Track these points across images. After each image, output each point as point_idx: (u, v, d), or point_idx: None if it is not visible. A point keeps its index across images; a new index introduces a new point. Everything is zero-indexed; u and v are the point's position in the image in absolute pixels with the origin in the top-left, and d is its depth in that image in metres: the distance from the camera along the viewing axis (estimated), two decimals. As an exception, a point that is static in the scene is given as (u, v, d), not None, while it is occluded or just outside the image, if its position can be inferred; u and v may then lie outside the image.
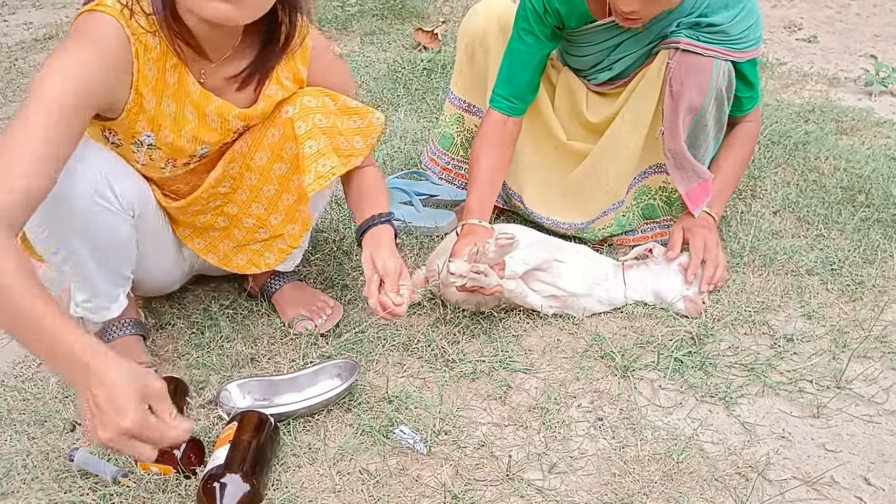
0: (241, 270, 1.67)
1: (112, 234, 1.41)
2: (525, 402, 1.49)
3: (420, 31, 3.45)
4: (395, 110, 2.77)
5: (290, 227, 1.61)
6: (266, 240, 1.64)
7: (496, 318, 1.69)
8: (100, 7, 1.27)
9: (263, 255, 1.65)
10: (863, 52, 3.36)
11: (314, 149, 1.49)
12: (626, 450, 1.37)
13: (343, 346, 1.61)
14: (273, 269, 1.70)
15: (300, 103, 1.49)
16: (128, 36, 1.28)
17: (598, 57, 1.81)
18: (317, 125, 1.49)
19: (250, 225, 1.62)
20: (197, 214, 1.60)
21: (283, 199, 1.58)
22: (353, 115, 1.55)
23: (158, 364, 1.59)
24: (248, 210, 1.61)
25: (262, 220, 1.61)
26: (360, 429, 1.41)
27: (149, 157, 1.44)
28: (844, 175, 2.22)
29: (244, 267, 1.66)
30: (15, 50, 3.62)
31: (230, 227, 1.63)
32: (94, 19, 1.27)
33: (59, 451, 1.37)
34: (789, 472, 1.33)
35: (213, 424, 1.42)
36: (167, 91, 1.37)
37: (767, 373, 1.54)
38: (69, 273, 1.45)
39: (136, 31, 1.29)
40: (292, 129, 1.49)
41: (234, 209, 1.61)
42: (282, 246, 1.64)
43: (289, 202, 1.58)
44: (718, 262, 1.74)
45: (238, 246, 1.65)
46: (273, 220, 1.60)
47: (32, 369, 1.60)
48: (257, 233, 1.63)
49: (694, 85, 1.67)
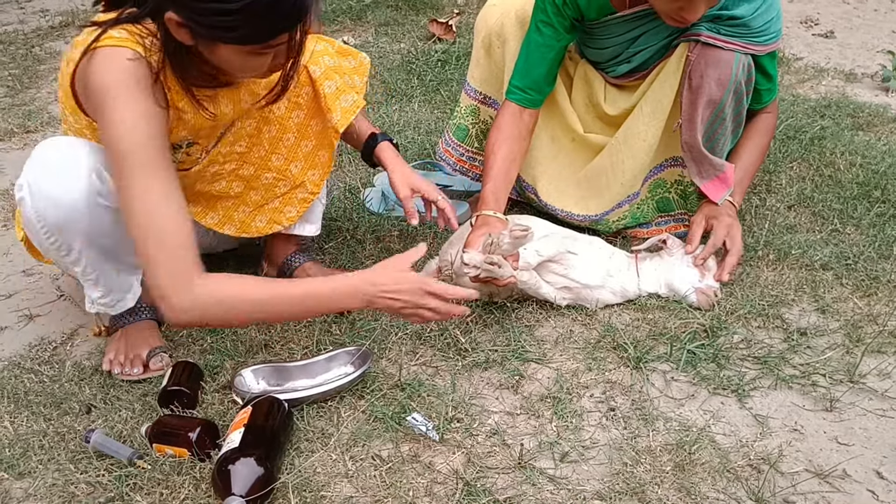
0: (261, 233, 1.69)
1: (117, 229, 1.40)
2: (537, 391, 1.49)
3: (434, 23, 3.44)
4: (409, 101, 2.77)
5: (310, 173, 1.68)
6: (285, 193, 1.68)
7: (509, 308, 1.69)
8: (110, 41, 1.25)
9: (283, 212, 1.69)
10: (880, 47, 3.33)
11: (332, 88, 1.61)
12: (638, 440, 1.37)
13: (356, 334, 1.62)
14: (293, 246, 1.74)
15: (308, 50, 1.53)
16: (148, 61, 1.27)
17: (617, 49, 1.81)
18: (328, 66, 1.60)
19: (269, 180, 1.65)
20: (212, 181, 1.61)
21: (301, 146, 1.65)
22: (347, 55, 1.68)
23: (173, 349, 1.60)
24: (266, 164, 1.64)
25: (281, 171, 1.65)
26: (372, 415, 1.42)
27: (185, 154, 1.47)
28: (860, 170, 2.20)
29: (264, 228, 1.68)
30: (31, 37, 3.64)
31: (245, 192, 1.65)
32: (107, 57, 1.24)
33: (74, 432, 1.39)
34: (801, 465, 1.33)
35: (228, 409, 1.44)
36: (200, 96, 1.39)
37: (780, 366, 1.53)
38: (81, 273, 1.47)
39: (152, 55, 1.28)
40: (307, 75, 1.59)
41: (251, 170, 1.63)
42: (302, 195, 1.68)
43: (307, 148, 1.65)
44: (741, 253, 1.74)
45: (255, 209, 1.67)
46: (293, 169, 1.66)
47: (48, 352, 1.62)
48: (276, 187, 1.67)
49: (714, 78, 1.66)
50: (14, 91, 3.01)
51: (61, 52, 3.44)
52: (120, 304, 1.55)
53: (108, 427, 1.39)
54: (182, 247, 1.23)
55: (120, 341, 1.57)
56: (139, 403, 1.46)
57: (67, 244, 1.41)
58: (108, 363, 1.54)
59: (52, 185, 1.34)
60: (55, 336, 1.67)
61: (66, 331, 1.69)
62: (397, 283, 1.33)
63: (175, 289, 1.22)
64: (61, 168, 1.35)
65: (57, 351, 1.63)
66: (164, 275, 1.22)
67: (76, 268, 1.46)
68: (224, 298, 1.26)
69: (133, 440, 1.36)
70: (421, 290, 1.34)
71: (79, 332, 1.69)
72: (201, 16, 1.19)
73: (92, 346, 1.64)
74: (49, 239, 1.39)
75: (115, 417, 1.41)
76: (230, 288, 1.28)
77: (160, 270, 1.22)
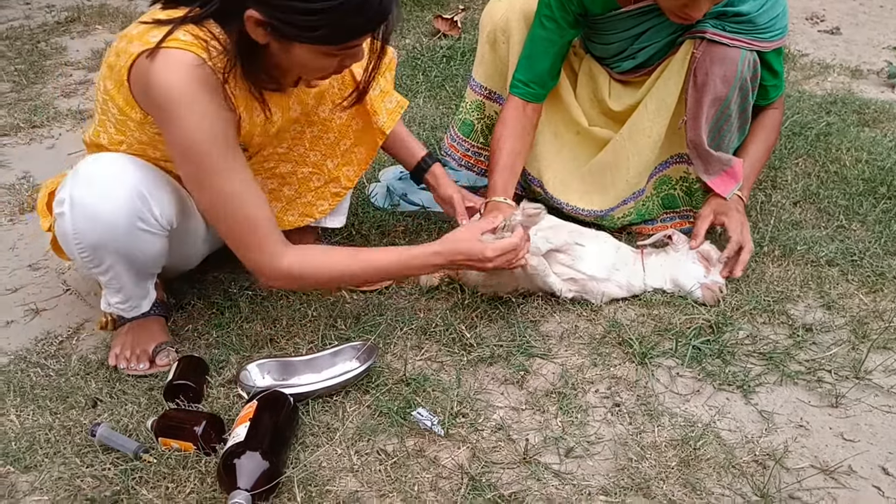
0: (292, 226, 1.70)
1: (150, 250, 1.45)
2: (542, 386, 1.49)
3: (439, 19, 3.44)
4: (414, 97, 2.77)
5: (344, 169, 1.71)
6: (319, 187, 1.70)
7: (514, 303, 1.69)
8: (175, 44, 1.25)
9: (315, 205, 1.71)
10: (886, 44, 3.32)
11: (377, 90, 1.63)
12: (643, 435, 1.37)
13: (361, 329, 1.62)
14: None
15: None
16: (212, 67, 1.28)
17: (622, 45, 1.80)
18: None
19: (304, 174, 1.68)
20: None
21: (340, 144, 1.68)
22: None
23: (179, 343, 1.61)
24: (304, 160, 1.67)
25: (318, 165, 1.69)
26: (377, 410, 1.42)
27: None
28: (866, 167, 2.20)
29: (296, 222, 1.70)
30: (37, 32, 3.65)
31: (279, 188, 1.66)
32: (174, 60, 1.25)
33: (80, 426, 1.39)
34: (807, 461, 1.32)
35: (234, 403, 1.44)
36: (254, 102, 1.41)
37: (786, 362, 1.53)
38: (105, 281, 1.49)
39: (216, 62, 1.28)
40: (351, 76, 1.61)
41: (288, 167, 1.66)
42: (335, 189, 1.72)
43: (345, 146, 1.68)
44: (752, 249, 1.74)
45: (287, 204, 1.69)
46: (329, 164, 1.69)
47: (55, 346, 1.62)
48: (310, 181, 1.69)
49: (719, 76, 1.66)
50: (20, 86, 3.02)
51: (67, 48, 3.44)
52: (136, 309, 1.57)
53: (113, 421, 1.39)
54: (270, 228, 1.37)
55: (126, 336, 1.57)
56: (145, 397, 1.46)
57: (100, 259, 1.42)
58: (113, 358, 1.54)
59: (95, 204, 1.35)
60: (61, 330, 1.68)
61: (72, 325, 1.69)
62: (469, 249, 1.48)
63: (271, 266, 1.38)
64: (105, 187, 1.35)
65: (63, 345, 1.63)
66: (258, 256, 1.38)
67: (102, 277, 1.48)
68: (313, 271, 1.43)
69: (139, 434, 1.36)
70: (482, 255, 1.48)
71: (85, 327, 1.69)
72: (285, 13, 1.21)
73: (98, 340, 1.65)
74: (83, 254, 1.41)
75: (121, 411, 1.42)
76: (318, 260, 1.44)
77: (254, 254, 1.38)
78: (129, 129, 1.40)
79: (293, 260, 1.39)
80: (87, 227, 1.36)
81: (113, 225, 1.36)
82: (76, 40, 3.57)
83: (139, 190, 1.37)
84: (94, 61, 3.26)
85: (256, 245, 1.36)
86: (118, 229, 1.36)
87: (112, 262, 1.43)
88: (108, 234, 1.37)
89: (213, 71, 1.28)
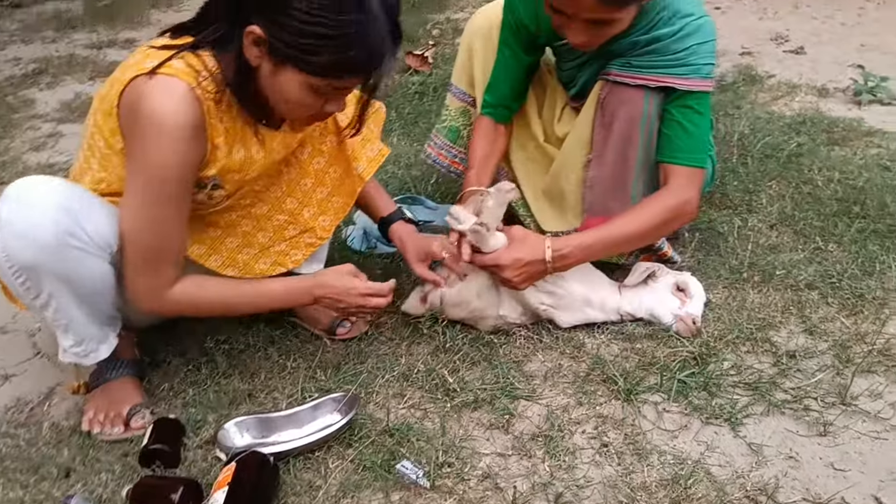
0: (262, 274, 1.65)
1: (89, 274, 1.37)
2: (528, 429, 1.46)
3: (410, 55, 3.46)
4: (388, 135, 2.76)
5: (321, 219, 1.68)
6: (293, 237, 1.67)
7: (496, 343, 1.67)
8: (168, 71, 1.26)
9: (289, 254, 1.67)
10: (850, 62, 3.37)
11: (359, 136, 1.61)
12: (633, 476, 1.35)
13: (342, 379, 1.59)
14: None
15: None
16: (199, 97, 1.28)
17: (571, 73, 1.83)
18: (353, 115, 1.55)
19: (279, 222, 1.65)
20: (223, 212, 1.58)
21: (317, 192, 1.66)
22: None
23: (154, 403, 1.56)
24: (280, 206, 1.64)
25: (294, 214, 1.66)
26: (361, 464, 1.38)
27: (208, 197, 1.45)
28: (839, 186, 2.21)
29: (267, 270, 1.65)
30: (4, 86, 3.62)
31: (253, 232, 1.63)
32: (165, 86, 1.26)
33: (53, 499, 1.34)
34: (799, 494, 1.30)
35: (212, 465, 1.40)
36: (237, 137, 1.40)
37: (772, 391, 1.52)
38: (51, 318, 1.41)
39: (205, 91, 1.29)
40: (334, 123, 1.61)
41: (264, 208, 1.63)
42: (309, 240, 1.69)
43: (322, 195, 1.67)
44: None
45: (260, 251, 1.65)
46: (305, 214, 1.66)
47: (25, 414, 1.57)
48: (286, 230, 1.66)
49: (624, 118, 1.67)
50: (-13, 142, 2.98)
51: (35, 100, 3.41)
52: (93, 354, 1.49)
53: (87, 491, 1.35)
54: (172, 266, 1.40)
55: (100, 399, 1.53)
56: (119, 464, 1.41)
57: (37, 285, 1.34)
58: (87, 423, 1.50)
59: (20, 221, 1.29)
60: (32, 396, 1.63)
61: (43, 390, 1.64)
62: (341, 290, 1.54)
63: (148, 297, 1.41)
64: (30, 203, 1.30)
65: (34, 412, 1.58)
66: (143, 284, 1.39)
67: (46, 312, 1.40)
68: (189, 302, 1.45)
69: (114, 504, 1.32)
70: (357, 294, 1.54)
71: (56, 391, 1.64)
72: (290, 34, 1.21)
73: (70, 404, 1.60)
74: (18, 279, 1.33)
75: (95, 480, 1.37)
76: (193, 292, 1.44)
77: (141, 279, 1.39)
78: (112, 165, 1.38)
79: (170, 298, 1.41)
80: (17, 245, 1.30)
81: (42, 241, 1.29)
82: (44, 92, 3.54)
83: (65, 205, 1.31)
84: (62, 113, 3.24)
85: (148, 274, 1.38)
86: (48, 247, 1.29)
87: (52, 290, 1.35)
88: (40, 252, 1.30)
89: (201, 101, 1.28)
